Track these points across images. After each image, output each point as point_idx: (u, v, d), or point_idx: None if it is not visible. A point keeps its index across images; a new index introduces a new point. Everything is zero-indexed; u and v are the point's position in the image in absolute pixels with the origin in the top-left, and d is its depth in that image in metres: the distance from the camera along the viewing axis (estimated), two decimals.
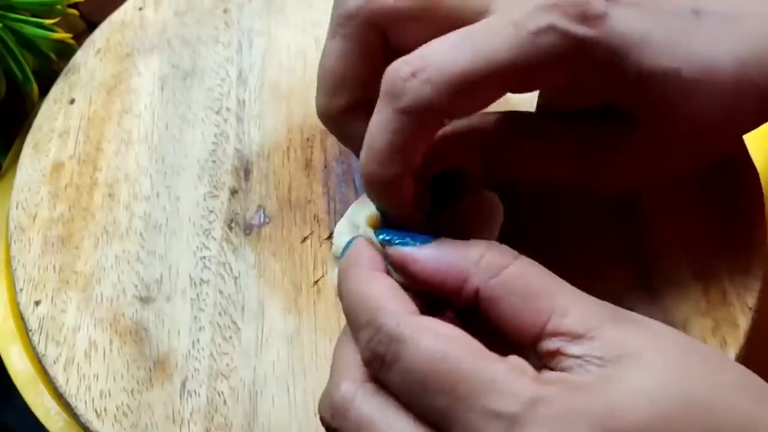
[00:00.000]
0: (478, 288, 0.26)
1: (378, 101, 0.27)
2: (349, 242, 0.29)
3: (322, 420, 0.27)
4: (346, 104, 0.31)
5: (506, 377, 0.23)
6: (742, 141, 0.39)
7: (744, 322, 0.34)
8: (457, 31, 0.27)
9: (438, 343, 0.24)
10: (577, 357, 0.24)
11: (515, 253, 0.27)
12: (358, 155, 0.32)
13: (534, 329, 0.25)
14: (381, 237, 0.29)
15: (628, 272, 0.35)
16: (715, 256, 0.36)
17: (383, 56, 0.30)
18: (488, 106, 0.29)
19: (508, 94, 0.29)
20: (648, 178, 0.32)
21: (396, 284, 0.27)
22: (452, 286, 0.27)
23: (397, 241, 0.28)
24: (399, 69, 0.27)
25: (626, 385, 0.23)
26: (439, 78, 0.26)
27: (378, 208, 0.30)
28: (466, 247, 0.27)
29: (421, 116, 0.27)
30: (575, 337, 0.25)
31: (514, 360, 0.24)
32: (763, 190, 0.38)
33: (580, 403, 0.23)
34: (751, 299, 0.35)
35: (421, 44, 0.27)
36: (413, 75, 0.26)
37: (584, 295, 0.26)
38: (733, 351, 0.33)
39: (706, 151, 0.32)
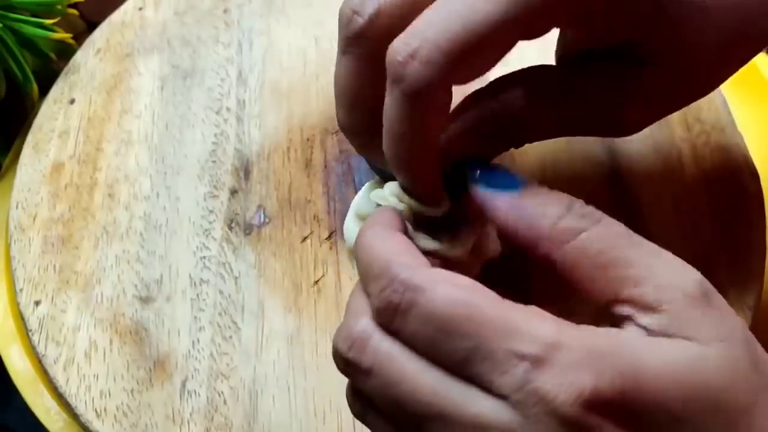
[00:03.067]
0: (551, 256, 0.26)
1: (386, 84, 0.27)
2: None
3: (335, 352, 0.26)
4: (365, 119, 0.31)
5: (530, 321, 0.24)
6: (743, 141, 0.39)
7: (744, 322, 0.34)
8: None
9: (457, 290, 0.24)
10: (644, 327, 0.24)
11: (598, 214, 0.26)
12: (381, 167, 0.32)
13: (608, 296, 0.25)
14: (473, 170, 0.28)
15: None
16: (715, 256, 0.36)
17: None
18: (499, 60, 0.28)
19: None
20: (662, 113, 0.32)
21: (411, 244, 0.27)
22: (527, 244, 0.26)
23: (481, 177, 0.28)
24: (397, 52, 0.27)
25: (665, 358, 0.23)
26: (436, 55, 0.26)
27: (404, 189, 0.30)
28: (544, 204, 0.26)
29: (426, 95, 0.27)
30: (647, 308, 0.24)
31: (534, 308, 0.24)
32: (763, 191, 0.38)
33: (603, 352, 0.23)
34: (751, 299, 0.35)
35: None
36: (411, 56, 0.26)
37: (669, 261, 0.26)
38: None
39: (721, 76, 0.32)
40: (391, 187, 0.31)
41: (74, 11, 0.47)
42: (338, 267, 0.37)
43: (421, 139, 0.28)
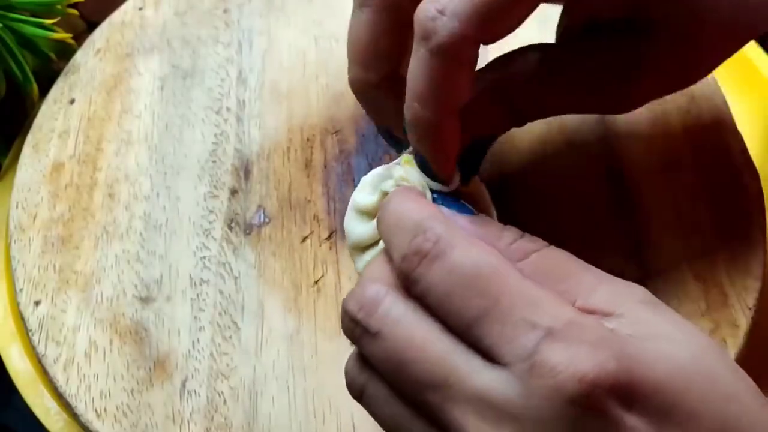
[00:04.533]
0: None
1: (413, 44, 0.27)
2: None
3: (344, 313, 0.26)
4: (377, 78, 0.31)
5: (549, 299, 0.24)
6: (742, 141, 0.39)
7: (744, 322, 0.34)
8: None
9: (487, 255, 0.25)
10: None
11: (545, 243, 0.27)
12: (385, 129, 0.32)
13: None
14: (433, 196, 0.29)
15: (628, 272, 0.35)
16: (715, 256, 0.36)
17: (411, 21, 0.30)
18: (527, 16, 0.28)
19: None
20: (664, 88, 0.32)
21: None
22: None
23: (441, 202, 0.29)
24: (426, 9, 0.27)
25: (657, 348, 0.24)
26: (464, 9, 0.26)
27: (417, 159, 0.30)
28: (501, 229, 0.28)
29: (455, 51, 0.27)
30: (604, 314, 0.25)
31: (556, 293, 0.25)
32: (763, 191, 0.38)
33: (613, 339, 0.23)
34: (751, 299, 0.35)
35: None
36: (440, 12, 0.26)
37: (612, 277, 0.26)
38: (733, 351, 0.33)
39: (729, 48, 0.32)
40: (400, 172, 0.31)
41: (74, 11, 0.47)
42: (338, 267, 0.37)
43: (447, 100, 0.28)
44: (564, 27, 0.33)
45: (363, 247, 0.32)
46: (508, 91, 0.32)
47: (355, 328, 0.26)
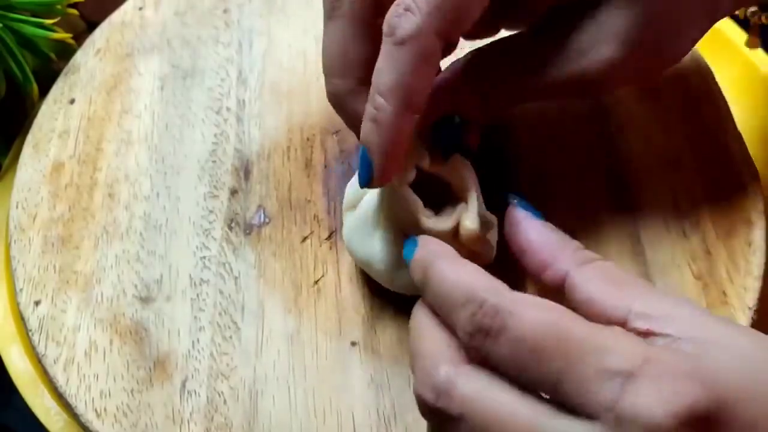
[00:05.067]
0: (569, 271, 0.28)
1: (381, 44, 0.29)
2: (410, 243, 0.30)
3: (423, 403, 0.26)
4: (352, 85, 0.32)
5: (618, 339, 0.24)
6: (743, 141, 0.39)
7: (744, 322, 0.34)
8: None
9: (545, 312, 0.25)
10: (667, 335, 0.25)
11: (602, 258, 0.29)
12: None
13: (621, 311, 0.26)
14: (510, 195, 0.32)
15: (628, 272, 0.35)
16: (715, 256, 0.36)
17: (380, 34, 0.31)
18: (478, 15, 0.30)
19: None
20: (645, 66, 0.33)
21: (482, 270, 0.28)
22: (540, 262, 0.29)
23: (517, 202, 0.31)
24: (394, 11, 0.29)
25: (721, 357, 0.24)
26: (426, 6, 0.28)
27: (363, 154, 0.30)
28: (566, 237, 0.30)
29: (418, 43, 0.28)
30: (662, 318, 0.25)
31: (618, 328, 0.25)
32: (763, 190, 0.38)
33: (688, 364, 0.24)
34: (751, 300, 0.35)
35: None
36: (406, 9, 0.29)
37: (663, 291, 0.28)
38: None
39: (706, 23, 0.33)
40: None
41: (74, 11, 0.47)
42: (338, 267, 0.37)
43: (408, 93, 0.29)
44: (529, 12, 0.34)
45: (350, 207, 0.34)
46: (479, 74, 0.33)
47: (436, 416, 0.26)
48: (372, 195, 0.34)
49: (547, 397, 0.24)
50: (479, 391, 0.25)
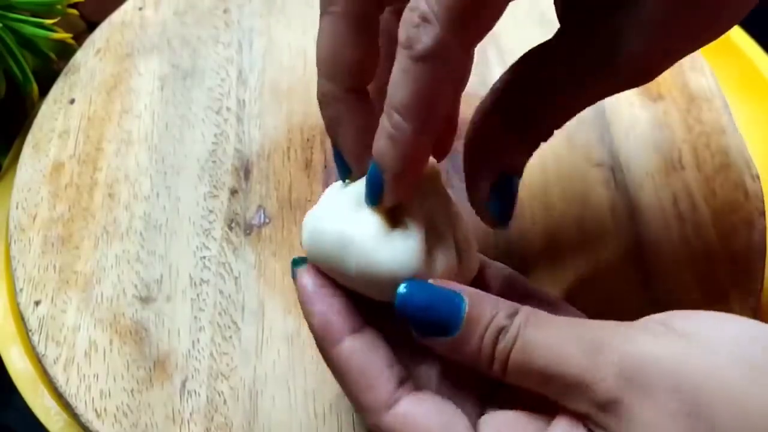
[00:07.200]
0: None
1: (396, 54, 0.26)
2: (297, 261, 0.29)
3: None
4: (341, 91, 0.30)
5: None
6: (743, 142, 0.39)
7: None
8: None
9: None
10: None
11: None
12: (339, 151, 0.30)
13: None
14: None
15: (628, 274, 0.35)
16: (715, 256, 0.36)
17: (378, 30, 0.29)
18: (503, 12, 0.27)
19: None
20: (672, 51, 0.30)
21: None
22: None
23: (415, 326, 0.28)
24: (409, 19, 0.26)
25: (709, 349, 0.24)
26: (446, 14, 0.25)
27: (374, 171, 0.28)
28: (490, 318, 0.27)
29: (441, 60, 0.26)
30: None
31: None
32: (763, 191, 0.38)
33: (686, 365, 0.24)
34: (751, 300, 0.35)
35: None
36: (424, 20, 0.26)
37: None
38: None
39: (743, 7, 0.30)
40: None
41: (74, 11, 0.47)
42: None
43: (430, 111, 0.27)
44: (560, 14, 0.32)
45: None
46: (514, 108, 0.31)
47: None
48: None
49: None
50: None
